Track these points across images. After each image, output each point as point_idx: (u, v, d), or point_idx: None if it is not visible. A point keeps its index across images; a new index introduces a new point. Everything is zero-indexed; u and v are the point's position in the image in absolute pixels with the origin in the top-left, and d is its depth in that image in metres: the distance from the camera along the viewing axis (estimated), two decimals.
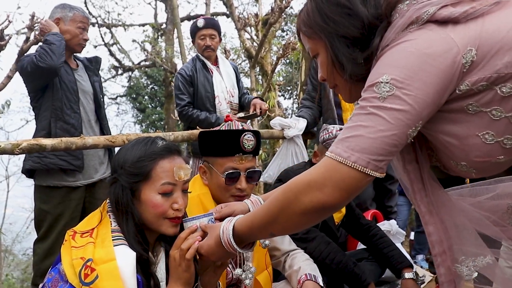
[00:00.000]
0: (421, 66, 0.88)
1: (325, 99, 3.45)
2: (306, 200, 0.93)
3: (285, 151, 3.32)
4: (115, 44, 14.63)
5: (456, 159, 1.00)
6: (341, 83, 1.11)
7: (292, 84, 13.48)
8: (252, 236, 1.13)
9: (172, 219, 1.33)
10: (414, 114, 0.89)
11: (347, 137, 0.92)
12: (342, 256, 2.17)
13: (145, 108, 16.31)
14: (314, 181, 0.93)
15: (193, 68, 3.52)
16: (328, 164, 0.93)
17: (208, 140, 1.82)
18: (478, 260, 1.03)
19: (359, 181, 0.91)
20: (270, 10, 5.73)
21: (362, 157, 0.89)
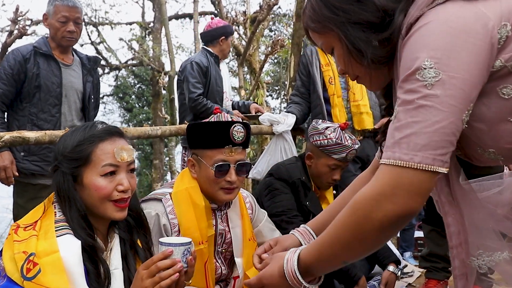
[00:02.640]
0: (462, 45, 0.83)
1: (314, 95, 3.43)
2: (379, 216, 0.86)
3: (274, 147, 3.30)
4: (102, 43, 14.49)
5: (484, 146, 0.94)
6: (362, 72, 1.05)
7: (280, 83, 13.48)
8: (320, 267, 1.03)
9: (118, 202, 1.30)
10: (465, 97, 0.84)
11: (401, 138, 0.85)
12: None
13: (132, 108, 16.20)
14: (382, 194, 0.86)
15: (208, 60, 3.63)
16: (390, 172, 0.85)
17: (197, 132, 1.79)
18: (495, 255, 1.00)
19: (430, 181, 0.84)
20: (259, 8, 5.72)
21: (426, 155, 0.82)
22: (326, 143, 2.30)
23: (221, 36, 3.72)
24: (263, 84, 6.23)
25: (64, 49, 2.73)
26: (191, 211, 1.74)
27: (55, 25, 2.64)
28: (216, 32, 3.76)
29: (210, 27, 3.82)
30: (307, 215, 2.33)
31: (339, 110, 3.31)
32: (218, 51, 3.73)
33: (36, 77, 2.57)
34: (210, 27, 3.82)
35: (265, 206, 2.24)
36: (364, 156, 3.31)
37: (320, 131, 2.34)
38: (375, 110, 3.39)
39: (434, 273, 2.71)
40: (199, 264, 1.74)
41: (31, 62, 2.57)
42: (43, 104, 2.60)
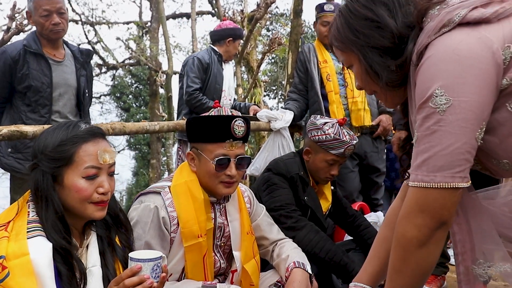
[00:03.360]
0: (469, 71, 0.90)
1: (312, 92, 3.44)
2: (414, 233, 0.95)
3: (272, 144, 3.30)
4: (99, 42, 14.47)
5: (498, 157, 1.01)
6: (378, 91, 1.15)
7: (277, 83, 13.49)
8: None
9: (97, 203, 1.30)
10: (476, 118, 0.91)
11: (422, 162, 0.94)
12: (331, 245, 2.16)
13: (129, 107, 16.19)
14: (412, 212, 0.95)
15: (210, 57, 3.69)
16: (416, 193, 0.95)
17: (198, 126, 1.79)
18: (497, 266, 1.05)
19: (452, 197, 0.93)
20: (256, 6, 5.72)
21: (445, 174, 0.91)
22: (324, 139, 2.31)
23: (229, 37, 3.78)
24: (261, 83, 6.23)
25: (54, 43, 2.67)
26: (190, 204, 1.74)
27: (39, 21, 2.58)
28: (224, 32, 3.81)
29: (220, 27, 3.89)
30: (305, 210, 2.33)
31: (336, 107, 3.32)
32: (223, 51, 3.79)
33: (26, 77, 2.52)
34: (220, 27, 3.89)
35: (263, 201, 2.24)
36: (362, 153, 3.32)
37: (318, 127, 2.34)
38: (373, 106, 3.40)
39: None
40: (198, 257, 1.74)
41: (21, 62, 2.51)
42: (33, 104, 2.56)
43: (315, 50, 3.52)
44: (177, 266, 1.73)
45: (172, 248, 1.73)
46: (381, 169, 3.47)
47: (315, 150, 2.36)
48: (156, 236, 1.68)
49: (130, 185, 17.46)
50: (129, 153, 17.95)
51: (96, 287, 1.28)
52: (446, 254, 2.75)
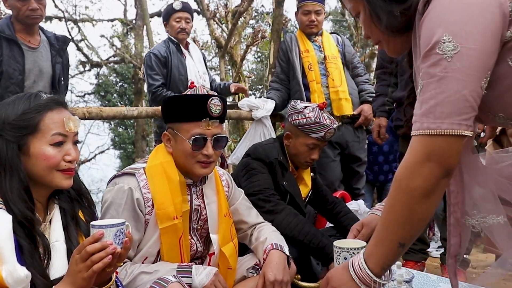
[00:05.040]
0: (476, 19, 0.90)
1: (293, 81, 3.43)
2: (420, 182, 0.94)
3: (253, 133, 3.29)
4: (83, 40, 14.32)
5: (494, 111, 1.02)
6: (382, 38, 1.15)
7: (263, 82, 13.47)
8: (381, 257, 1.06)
9: (65, 171, 1.28)
10: (482, 66, 0.91)
11: (428, 109, 0.93)
12: (310, 227, 2.15)
13: (114, 106, 16.04)
14: (418, 162, 0.94)
15: (167, 50, 3.52)
16: (421, 141, 0.94)
17: (174, 106, 1.76)
18: (490, 217, 1.06)
19: (458, 145, 0.92)
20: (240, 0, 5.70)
21: (452, 121, 0.90)
22: (305, 122, 2.30)
23: (163, 22, 3.62)
24: (245, 78, 6.20)
25: (30, 29, 2.62)
26: (165, 186, 1.71)
27: (16, 5, 2.52)
28: (165, 16, 3.65)
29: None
30: (284, 195, 2.32)
31: (318, 96, 3.31)
32: (171, 35, 3.60)
33: None
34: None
35: (242, 186, 2.22)
36: (343, 142, 3.32)
37: (299, 110, 2.33)
38: (354, 96, 3.41)
39: (411, 255, 2.73)
40: (174, 239, 1.71)
41: None
42: (3, 91, 2.49)
43: (297, 40, 3.51)
44: (153, 248, 1.70)
45: (147, 230, 1.70)
46: (362, 158, 3.47)
47: (295, 134, 2.35)
48: (130, 218, 1.64)
49: None
50: (114, 152, 17.80)
51: (60, 262, 1.25)
52: (425, 241, 2.76)
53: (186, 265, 1.63)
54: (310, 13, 3.42)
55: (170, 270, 1.59)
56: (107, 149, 18.04)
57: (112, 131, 16.90)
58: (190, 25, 3.61)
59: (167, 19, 3.59)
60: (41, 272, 1.19)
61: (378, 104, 2.86)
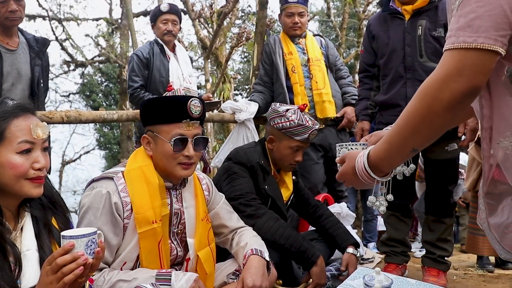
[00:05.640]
0: None
1: (277, 83, 3.43)
2: (446, 95, 0.94)
3: (236, 135, 3.28)
4: (67, 39, 14.13)
5: None
6: None
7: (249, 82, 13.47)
8: (392, 159, 1.10)
9: (34, 179, 1.26)
10: None
11: (466, 23, 0.93)
12: (291, 231, 2.14)
13: (99, 106, 15.88)
14: (449, 75, 0.94)
15: (150, 51, 3.51)
16: (455, 55, 0.94)
17: (153, 108, 1.75)
18: None
19: (491, 61, 0.92)
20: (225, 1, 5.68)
21: (489, 35, 0.91)
22: (288, 125, 2.30)
23: (151, 24, 3.62)
24: (230, 79, 6.18)
25: (8, 31, 2.57)
26: (144, 189, 1.69)
27: None
28: (152, 18, 3.64)
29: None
30: (266, 199, 2.31)
31: (301, 99, 3.31)
32: (157, 37, 3.60)
33: None
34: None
35: (223, 190, 2.21)
36: (326, 145, 3.32)
37: (281, 114, 2.33)
38: (337, 98, 3.41)
39: (392, 258, 2.74)
40: (153, 244, 1.69)
41: None
42: None
43: (281, 42, 3.50)
44: (132, 253, 1.67)
45: (125, 235, 1.68)
46: None
47: (279, 137, 2.35)
48: (108, 222, 1.63)
49: None
50: (99, 152, 17.65)
51: (32, 272, 1.22)
52: (407, 243, 2.77)
53: (165, 272, 1.61)
54: (293, 15, 3.42)
55: (149, 278, 1.57)
56: (92, 149, 17.91)
57: (97, 131, 16.76)
58: (177, 27, 3.62)
59: (154, 21, 3.59)
60: (10, 283, 1.16)
61: (361, 108, 2.86)
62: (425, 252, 2.69)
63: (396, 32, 2.57)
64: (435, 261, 2.62)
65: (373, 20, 2.77)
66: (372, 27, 2.73)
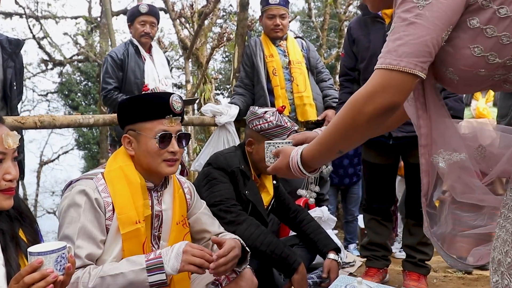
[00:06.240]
0: None
1: (258, 86, 3.40)
2: (369, 109, 1.07)
3: (217, 139, 3.23)
4: (45, 38, 13.84)
5: (446, 65, 1.16)
6: None
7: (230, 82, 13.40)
8: (321, 158, 1.24)
9: (5, 190, 1.21)
10: (447, 19, 1.05)
11: (393, 47, 1.06)
12: (272, 238, 2.12)
13: (78, 106, 15.64)
14: (374, 91, 1.07)
15: (125, 52, 3.44)
16: (381, 74, 1.06)
17: (134, 106, 1.72)
18: (454, 155, 1.21)
19: (411, 83, 1.06)
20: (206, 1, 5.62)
21: (410, 61, 1.03)
22: (266, 127, 2.28)
23: (127, 23, 3.55)
24: (211, 79, 6.12)
25: None
26: (125, 189, 1.65)
27: None
28: (130, 18, 3.57)
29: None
30: (246, 204, 2.28)
31: (282, 102, 3.29)
32: (133, 37, 3.52)
33: None
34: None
35: (203, 196, 2.16)
36: None
37: (259, 116, 2.30)
38: (318, 101, 3.40)
39: (374, 262, 2.74)
40: (137, 245, 1.64)
41: None
42: None
43: (262, 44, 3.48)
44: (117, 258, 1.59)
45: (108, 238, 1.60)
46: (326, 164, 3.46)
47: (258, 139, 2.32)
48: (93, 219, 1.56)
49: None
50: (78, 153, 17.36)
51: None
52: (388, 247, 2.77)
53: (155, 260, 1.52)
54: (275, 17, 3.40)
55: (139, 271, 1.49)
56: (71, 149, 17.58)
57: (76, 131, 16.45)
58: (155, 29, 3.58)
59: (131, 21, 3.52)
60: None
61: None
62: (405, 256, 2.70)
63: (377, 36, 2.56)
64: (415, 265, 2.62)
65: (354, 23, 2.76)
66: (353, 31, 2.72)
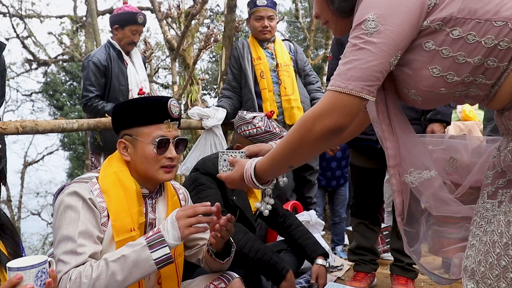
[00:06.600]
0: (399, 5, 1.10)
1: (245, 89, 3.37)
2: (318, 129, 1.11)
3: (204, 142, 3.20)
4: (29, 37, 13.64)
5: (408, 87, 1.21)
6: (331, 19, 1.33)
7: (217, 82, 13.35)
8: (273, 171, 1.29)
9: None
10: (394, 45, 1.09)
11: (343, 71, 1.10)
12: (260, 244, 2.10)
13: (63, 106, 15.42)
14: (322, 112, 1.11)
15: (107, 57, 3.33)
16: (330, 96, 1.11)
17: (132, 110, 1.67)
18: (424, 173, 1.27)
19: (358, 105, 1.10)
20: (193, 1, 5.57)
21: (357, 84, 1.08)
22: (255, 132, 2.26)
23: (114, 24, 3.39)
24: (198, 80, 6.08)
25: None
26: (120, 195, 1.60)
27: None
28: (111, 19, 3.45)
29: (113, 13, 3.51)
30: (234, 210, 2.25)
31: (270, 105, 3.27)
32: (116, 41, 3.40)
33: None
34: (113, 13, 3.51)
35: (191, 202, 2.13)
36: None
37: (248, 121, 2.28)
38: (306, 104, 3.39)
39: (362, 266, 2.73)
40: None
41: None
42: None
43: (249, 47, 3.45)
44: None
45: (103, 244, 1.54)
46: (314, 167, 3.46)
47: (246, 145, 2.28)
48: (91, 219, 1.51)
49: None
50: (63, 153, 17.13)
51: None
52: (375, 251, 2.76)
53: (155, 236, 1.47)
54: (263, 19, 3.38)
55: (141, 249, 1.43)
56: (56, 150, 17.34)
57: None
58: (139, 37, 3.53)
59: (122, 26, 3.37)
60: None
61: None
62: (393, 260, 2.70)
63: None
64: (403, 269, 2.62)
65: None
66: None
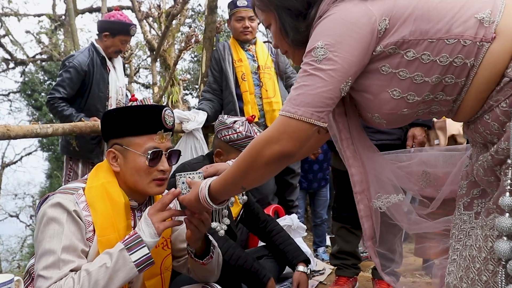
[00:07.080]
0: (348, 33, 1.10)
1: (226, 91, 3.33)
2: (267, 153, 1.11)
3: (184, 146, 3.15)
4: (6, 35, 13.35)
5: (371, 112, 1.21)
6: (289, 49, 1.33)
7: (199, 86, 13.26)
8: (226, 192, 1.31)
9: None
10: (343, 71, 1.09)
11: (293, 96, 1.11)
12: (241, 252, 2.07)
13: (41, 106, 15.12)
14: (272, 137, 1.11)
15: (90, 62, 3.24)
16: (281, 121, 1.11)
17: (124, 118, 1.57)
18: (391, 197, 1.28)
19: (308, 131, 1.09)
20: (173, 1, 5.50)
21: (307, 110, 1.07)
22: (236, 138, 2.21)
23: (105, 31, 3.32)
24: (179, 81, 6.01)
25: None
26: (107, 209, 1.51)
27: None
28: (102, 25, 3.39)
29: (103, 19, 3.46)
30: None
31: (251, 107, 3.24)
32: (103, 47, 3.34)
33: None
34: (103, 19, 3.45)
35: None
36: None
37: (228, 126, 2.24)
38: None
39: (343, 270, 2.71)
40: None
41: None
42: None
43: (230, 49, 3.41)
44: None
45: (88, 260, 1.45)
46: (296, 170, 3.44)
47: (226, 150, 2.25)
48: (75, 231, 1.42)
49: (43, 188, 16.29)
50: (42, 154, 16.82)
51: None
52: (358, 256, 2.75)
53: (131, 238, 1.42)
54: (243, 20, 3.34)
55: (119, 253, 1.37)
56: (35, 151, 17.01)
57: None
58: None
59: (113, 34, 3.31)
60: None
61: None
62: None
63: None
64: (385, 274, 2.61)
65: None
66: None
